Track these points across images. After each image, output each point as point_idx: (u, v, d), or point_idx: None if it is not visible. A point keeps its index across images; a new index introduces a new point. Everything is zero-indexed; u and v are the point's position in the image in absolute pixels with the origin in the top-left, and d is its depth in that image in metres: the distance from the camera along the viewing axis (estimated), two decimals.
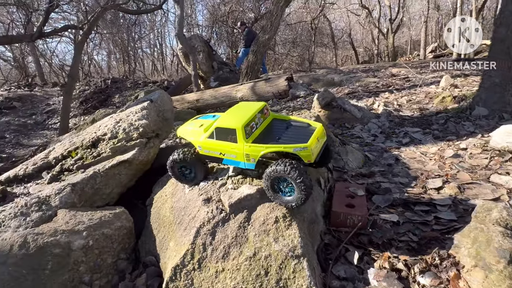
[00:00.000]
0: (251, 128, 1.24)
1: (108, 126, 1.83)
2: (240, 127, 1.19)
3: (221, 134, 1.24)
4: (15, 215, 1.26)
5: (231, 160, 1.26)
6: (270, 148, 1.16)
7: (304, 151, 1.12)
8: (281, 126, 1.35)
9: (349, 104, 2.79)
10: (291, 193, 1.13)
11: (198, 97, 6.37)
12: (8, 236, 1.12)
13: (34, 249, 1.10)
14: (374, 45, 20.23)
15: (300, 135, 1.22)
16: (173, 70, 26.30)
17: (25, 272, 1.06)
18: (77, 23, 14.75)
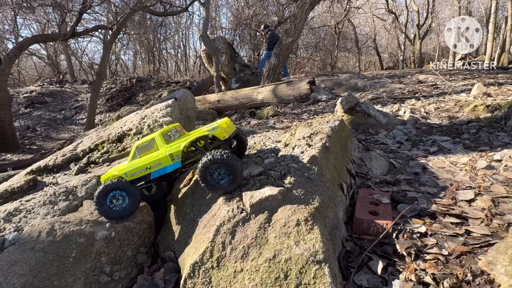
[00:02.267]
0: (169, 137, 1.37)
1: (133, 122, 1.88)
2: (159, 134, 1.33)
3: (143, 149, 1.34)
4: (44, 203, 1.31)
5: (158, 170, 1.33)
6: (187, 137, 1.30)
7: (217, 130, 1.26)
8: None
9: (374, 109, 2.71)
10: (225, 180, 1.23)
11: (219, 98, 6.43)
12: (37, 222, 1.17)
13: (60, 236, 1.13)
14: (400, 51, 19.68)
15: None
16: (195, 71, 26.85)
17: (51, 259, 1.09)
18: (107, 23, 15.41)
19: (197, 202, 1.37)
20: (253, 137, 1.85)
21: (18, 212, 1.27)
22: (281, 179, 1.25)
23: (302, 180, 1.24)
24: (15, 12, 12.39)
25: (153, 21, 18.27)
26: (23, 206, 1.30)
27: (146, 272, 1.33)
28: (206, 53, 9.37)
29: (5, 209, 1.28)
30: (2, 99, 9.38)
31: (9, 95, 10.23)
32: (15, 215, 1.26)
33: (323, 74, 7.98)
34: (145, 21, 17.91)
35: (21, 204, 1.31)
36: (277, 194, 1.15)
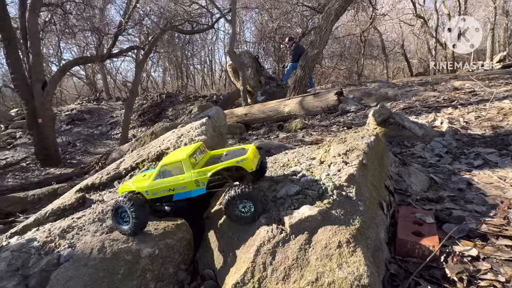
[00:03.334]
0: (195, 159, 1.37)
1: (171, 141, 1.97)
2: (186, 157, 1.31)
3: (168, 171, 1.33)
4: (93, 220, 1.40)
5: (182, 193, 1.34)
6: (216, 167, 1.29)
7: (245, 162, 1.27)
8: (219, 156, 1.49)
9: (409, 121, 2.62)
10: (248, 213, 1.25)
11: (246, 111, 6.53)
12: (89, 240, 1.25)
13: (110, 254, 1.20)
14: (431, 56, 18.92)
15: (238, 155, 1.36)
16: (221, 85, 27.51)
17: (102, 275, 1.16)
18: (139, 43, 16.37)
19: None
20: (286, 154, 1.86)
21: (71, 229, 1.37)
22: (319, 199, 1.24)
23: (341, 200, 1.22)
24: (59, 38, 13.52)
25: (181, 39, 19.13)
26: (75, 223, 1.39)
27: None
28: (232, 67, 9.62)
29: (59, 225, 1.39)
30: (47, 118, 10.17)
31: (53, 114, 11.08)
32: (69, 232, 1.35)
33: (350, 84, 7.86)
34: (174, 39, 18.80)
35: (73, 221, 1.41)
36: (317, 214, 1.14)
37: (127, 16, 10.79)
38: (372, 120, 2.69)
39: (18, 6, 9.63)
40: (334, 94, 5.49)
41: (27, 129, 10.92)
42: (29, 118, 10.01)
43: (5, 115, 15.08)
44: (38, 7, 9.45)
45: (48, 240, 1.32)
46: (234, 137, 4.70)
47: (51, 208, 1.59)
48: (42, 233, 1.36)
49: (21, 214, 5.66)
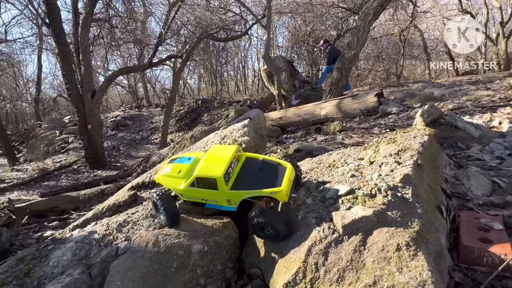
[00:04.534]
0: (228, 174, 1.36)
1: (214, 142, 2.02)
2: (220, 176, 1.30)
3: (202, 183, 1.34)
4: (146, 216, 1.47)
5: (214, 205, 1.40)
6: (250, 193, 1.31)
7: (280, 194, 1.27)
8: (255, 167, 1.46)
9: (463, 121, 2.43)
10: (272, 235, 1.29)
11: (281, 115, 6.52)
12: (143, 234, 1.32)
13: (164, 248, 1.25)
14: (479, 53, 17.49)
15: (273, 177, 1.36)
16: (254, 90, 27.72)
17: (157, 268, 1.21)
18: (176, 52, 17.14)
19: None
20: (330, 155, 1.81)
21: (127, 223, 1.45)
22: (371, 199, 1.19)
23: (396, 201, 1.15)
24: (106, 50, 14.62)
25: (215, 47, 19.73)
26: (130, 218, 1.48)
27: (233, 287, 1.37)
28: (266, 72, 9.68)
29: (116, 220, 1.47)
30: (96, 124, 10.99)
31: (101, 120, 11.94)
32: (124, 226, 1.43)
33: (391, 85, 7.51)
34: (209, 47, 19.44)
35: (128, 216, 1.49)
36: (372, 215, 1.09)
37: (167, 27, 11.39)
38: (420, 121, 2.53)
39: (72, 23, 10.61)
40: (373, 96, 5.28)
41: (79, 134, 11.90)
42: (80, 124, 10.89)
43: (59, 122, 16.58)
44: (89, 23, 10.32)
45: (107, 233, 1.40)
46: (270, 140, 4.70)
47: (108, 204, 1.70)
48: (101, 227, 1.46)
49: (74, 212, 6.15)
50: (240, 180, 1.39)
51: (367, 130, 3.99)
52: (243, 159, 1.50)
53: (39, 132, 15.91)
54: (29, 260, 1.37)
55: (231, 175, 1.38)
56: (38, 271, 1.29)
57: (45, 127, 16.51)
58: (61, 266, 1.28)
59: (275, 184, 1.30)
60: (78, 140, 13.65)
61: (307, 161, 1.80)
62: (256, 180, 1.37)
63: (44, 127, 16.53)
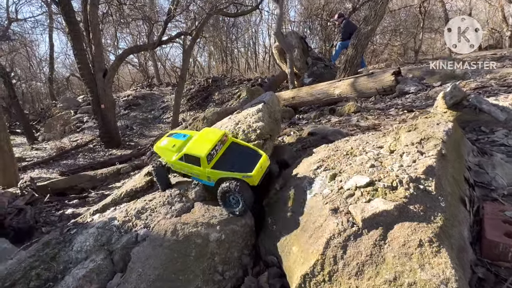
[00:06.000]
0: (211, 155, 1.54)
1: (228, 127, 1.99)
2: (204, 156, 1.50)
3: (189, 159, 1.53)
4: (163, 203, 1.49)
5: (196, 178, 1.60)
6: (226, 174, 1.50)
7: (249, 178, 1.46)
8: (236, 152, 1.65)
9: (488, 103, 2.30)
10: (237, 205, 1.47)
11: (294, 95, 6.39)
12: (162, 222, 1.34)
13: (182, 237, 1.28)
14: (506, 25, 16.34)
15: (249, 163, 1.54)
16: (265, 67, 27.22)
17: (176, 256, 1.24)
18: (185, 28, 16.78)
19: (297, 209, 1.38)
20: (347, 141, 1.76)
21: (145, 210, 1.48)
22: (392, 191, 1.15)
23: (419, 194, 1.12)
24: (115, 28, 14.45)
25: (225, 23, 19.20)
26: (148, 205, 1.50)
27: (250, 274, 1.40)
28: (278, 49, 9.40)
29: (135, 207, 1.50)
30: (109, 103, 11.10)
31: (113, 100, 12.04)
32: (143, 213, 1.46)
33: (409, 62, 7.19)
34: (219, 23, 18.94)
35: (146, 203, 1.51)
36: (393, 209, 1.06)
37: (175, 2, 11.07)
38: (442, 103, 2.41)
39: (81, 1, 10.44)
40: (391, 74, 5.07)
41: (93, 114, 12.10)
42: (94, 104, 11.03)
43: (74, 102, 16.83)
44: (97, 0, 10.14)
45: (126, 219, 1.44)
46: (283, 121, 4.63)
47: (125, 190, 1.73)
48: (120, 213, 1.49)
49: (93, 190, 6.37)
50: (221, 161, 1.58)
51: (383, 111, 3.87)
52: (228, 143, 1.68)
53: (54, 111, 16.27)
54: (54, 244, 1.43)
55: (214, 156, 1.57)
56: (63, 255, 1.35)
57: (60, 106, 16.83)
58: (84, 251, 1.33)
59: (249, 169, 1.49)
60: (93, 120, 13.91)
61: (323, 148, 1.77)
62: (234, 163, 1.57)
63: (59, 106, 16.85)
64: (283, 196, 1.55)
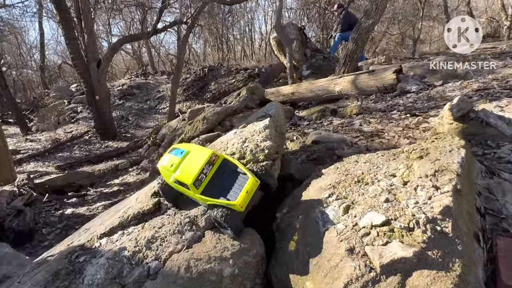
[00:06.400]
0: (199, 180, 1.55)
1: (235, 145, 1.96)
2: (190, 183, 1.53)
3: (180, 183, 1.59)
4: (173, 232, 1.48)
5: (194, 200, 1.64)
6: (212, 201, 1.52)
7: (234, 206, 1.46)
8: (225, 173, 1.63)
9: (495, 117, 2.29)
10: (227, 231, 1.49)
11: (293, 90, 6.32)
12: (175, 257, 1.33)
13: (196, 274, 1.27)
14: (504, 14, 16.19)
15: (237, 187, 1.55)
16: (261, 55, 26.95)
17: None
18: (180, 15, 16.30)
19: (310, 240, 1.37)
20: (356, 162, 1.75)
21: (155, 239, 1.46)
22: (409, 233, 1.15)
23: (436, 237, 1.12)
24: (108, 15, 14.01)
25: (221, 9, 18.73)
26: (158, 233, 1.48)
27: None
28: (276, 40, 9.23)
29: (144, 235, 1.49)
30: (104, 94, 10.89)
31: (108, 90, 11.81)
32: (153, 243, 1.45)
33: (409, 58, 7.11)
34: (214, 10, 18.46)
35: (155, 231, 1.50)
36: (412, 256, 1.06)
37: None
38: (449, 115, 2.40)
39: None
40: (392, 73, 5.02)
41: (87, 105, 11.85)
42: (88, 95, 10.81)
43: (67, 91, 16.45)
44: None
45: (136, 250, 1.42)
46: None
47: (132, 212, 1.71)
48: (130, 242, 1.47)
49: (91, 188, 6.32)
50: (210, 186, 1.58)
51: (385, 113, 3.85)
52: (219, 162, 1.66)
53: (47, 101, 15.92)
54: (64, 275, 1.41)
55: (203, 180, 1.57)
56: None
57: (52, 96, 16.46)
58: (96, 285, 1.32)
59: (235, 195, 1.49)
60: (87, 110, 13.66)
61: (332, 170, 1.75)
62: (221, 188, 1.56)
63: (52, 96, 16.48)
64: (293, 222, 1.54)
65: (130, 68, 22.48)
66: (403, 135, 2.86)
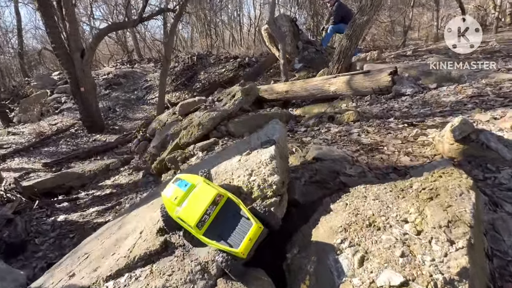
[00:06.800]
0: (202, 221, 1.55)
1: (241, 178, 1.91)
2: (193, 225, 1.54)
3: (183, 221, 1.60)
4: (185, 281, 1.45)
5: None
6: (214, 245, 1.52)
7: (237, 254, 1.44)
8: (229, 215, 1.60)
9: (495, 141, 2.32)
10: None
11: (287, 89, 6.24)
12: None
13: None
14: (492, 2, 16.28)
15: (239, 232, 1.51)
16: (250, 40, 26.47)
17: None
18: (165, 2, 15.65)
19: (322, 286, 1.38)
20: (365, 199, 1.74)
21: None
22: None
23: None
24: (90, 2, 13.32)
25: None
26: (168, 283, 1.46)
27: None
28: (268, 32, 9.01)
29: (155, 285, 1.45)
30: (89, 86, 10.49)
31: (94, 82, 11.39)
32: None
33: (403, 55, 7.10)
34: None
35: (166, 280, 1.47)
36: None
37: None
38: (450, 136, 2.42)
39: None
40: (387, 75, 5.01)
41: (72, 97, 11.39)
42: (73, 86, 10.38)
43: (49, 80, 15.75)
44: None
45: None
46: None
47: (139, 253, 1.67)
48: None
49: (82, 190, 6.17)
50: (212, 228, 1.56)
51: (382, 121, 3.85)
52: (223, 201, 1.64)
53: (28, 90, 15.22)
54: None
55: (206, 220, 1.56)
56: None
57: (34, 85, 15.75)
58: None
59: (238, 241, 1.47)
60: (71, 100, 13.17)
61: (341, 207, 1.74)
62: (224, 231, 1.55)
63: (33, 85, 15.77)
64: (304, 265, 1.54)
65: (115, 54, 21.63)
66: (403, 150, 2.88)
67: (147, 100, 14.40)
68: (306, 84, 6.02)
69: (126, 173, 6.43)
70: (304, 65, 9.33)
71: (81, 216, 4.76)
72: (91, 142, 10.42)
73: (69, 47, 9.60)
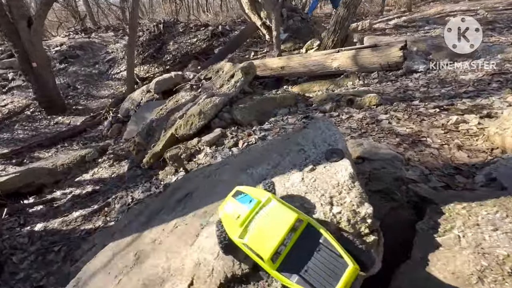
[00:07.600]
0: (278, 253, 1.16)
1: (318, 208, 1.48)
2: (267, 258, 1.14)
3: (251, 249, 1.18)
4: None
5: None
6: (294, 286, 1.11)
7: None
8: (311, 245, 1.19)
9: None
10: None
11: (283, 64, 5.69)
12: None
13: None
14: None
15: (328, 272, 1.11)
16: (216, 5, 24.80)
17: None
18: None
19: None
20: (477, 227, 1.42)
21: None
22: None
23: None
24: None
25: None
26: None
27: None
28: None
29: None
30: (42, 60, 9.05)
31: (46, 55, 9.85)
32: None
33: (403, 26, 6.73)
34: None
35: None
36: None
37: None
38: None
39: None
40: (398, 49, 4.65)
41: (22, 73, 9.79)
42: (22, 61, 8.90)
43: None
44: None
45: None
46: (290, 110, 4.07)
47: None
48: None
49: (57, 189, 5.34)
50: (290, 259, 1.18)
51: (408, 104, 3.53)
52: (302, 229, 1.23)
53: None
54: None
55: (281, 252, 1.17)
56: None
57: None
58: None
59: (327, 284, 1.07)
60: (21, 77, 11.44)
61: (454, 242, 1.40)
62: (306, 266, 1.15)
63: None
64: None
65: (64, 21, 18.99)
66: (452, 143, 2.60)
67: (111, 75, 12.94)
68: (306, 59, 5.50)
69: (107, 165, 5.66)
70: (289, 35, 8.68)
71: (64, 223, 4.07)
72: (53, 126, 9.19)
73: (12, 14, 7.98)
